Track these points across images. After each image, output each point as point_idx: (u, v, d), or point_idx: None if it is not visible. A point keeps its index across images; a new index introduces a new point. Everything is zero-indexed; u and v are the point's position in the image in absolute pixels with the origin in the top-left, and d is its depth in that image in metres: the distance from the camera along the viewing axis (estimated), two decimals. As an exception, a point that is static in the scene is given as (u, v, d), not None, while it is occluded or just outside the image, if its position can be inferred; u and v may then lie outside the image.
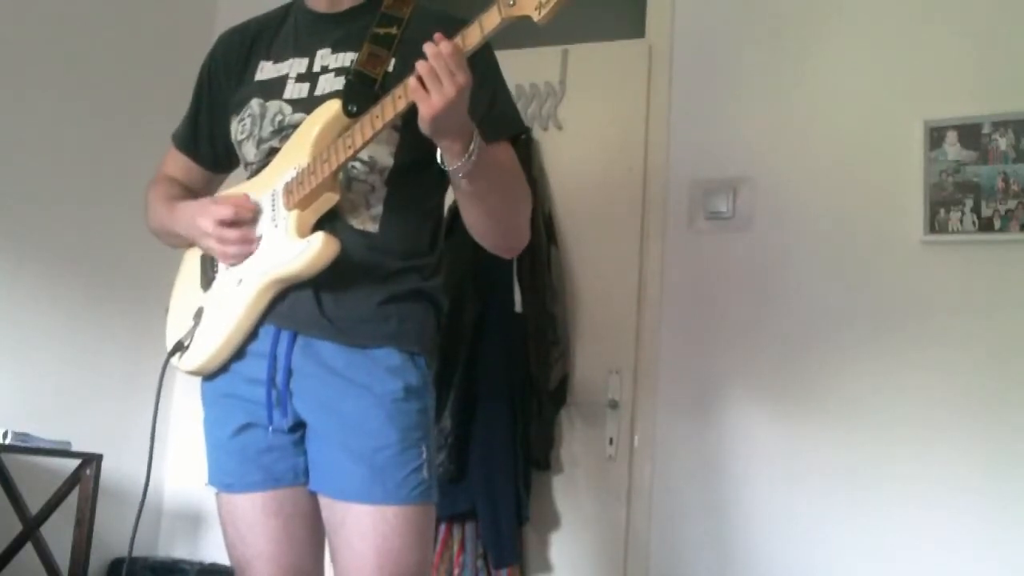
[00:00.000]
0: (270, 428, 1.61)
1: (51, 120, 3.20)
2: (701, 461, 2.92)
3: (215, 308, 1.64)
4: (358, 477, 1.53)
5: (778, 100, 3.01)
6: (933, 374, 2.70)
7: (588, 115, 3.22)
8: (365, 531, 1.52)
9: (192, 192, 1.84)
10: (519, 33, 1.44)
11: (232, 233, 1.58)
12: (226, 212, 1.59)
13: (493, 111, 1.60)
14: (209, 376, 1.69)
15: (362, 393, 1.56)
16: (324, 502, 1.59)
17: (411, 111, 1.47)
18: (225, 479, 1.67)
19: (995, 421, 2.61)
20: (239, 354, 1.64)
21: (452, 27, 1.44)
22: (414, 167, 1.62)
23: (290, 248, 1.53)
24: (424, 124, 1.42)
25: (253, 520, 1.63)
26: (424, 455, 1.57)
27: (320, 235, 1.52)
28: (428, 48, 1.38)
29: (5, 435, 2.72)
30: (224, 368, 1.66)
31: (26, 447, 2.78)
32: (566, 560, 3.02)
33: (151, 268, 3.53)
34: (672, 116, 3.12)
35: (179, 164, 1.88)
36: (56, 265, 3.20)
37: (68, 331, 3.26)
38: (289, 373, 1.59)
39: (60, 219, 3.22)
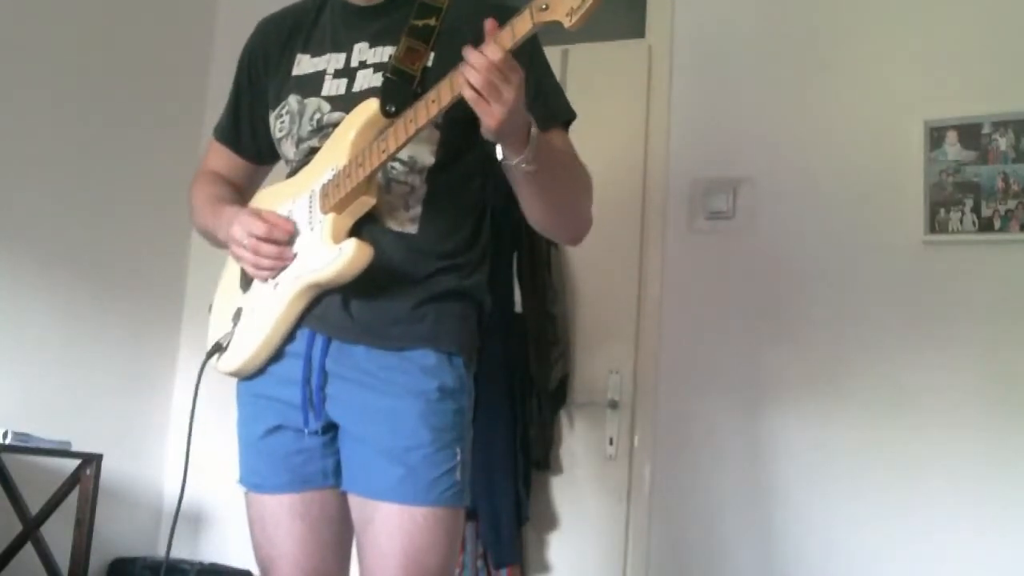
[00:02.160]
0: (305, 431, 1.60)
1: (51, 121, 3.20)
2: (701, 461, 2.92)
3: (252, 311, 1.64)
4: (391, 477, 1.52)
5: (778, 100, 3.02)
6: (933, 374, 2.70)
7: (588, 115, 3.16)
8: (392, 530, 1.52)
9: (236, 187, 1.83)
10: (520, 33, 1.44)
11: (267, 248, 1.57)
12: (260, 228, 1.57)
13: (541, 100, 1.57)
14: (246, 376, 1.69)
15: (397, 392, 1.55)
16: (354, 501, 1.59)
17: (448, 110, 1.45)
18: (254, 479, 1.67)
19: (995, 421, 2.61)
20: (276, 355, 1.63)
21: (490, 13, 1.41)
22: (454, 162, 1.60)
23: (324, 254, 1.52)
24: (488, 133, 1.40)
25: (280, 521, 1.63)
26: (458, 456, 1.55)
27: (352, 242, 1.49)
28: (475, 58, 1.34)
29: (5, 435, 2.72)
30: (262, 369, 1.65)
31: (26, 447, 2.78)
32: (566, 560, 3.02)
33: (151, 268, 3.56)
34: (672, 116, 3.12)
35: (222, 158, 1.86)
36: (56, 265, 3.21)
37: (68, 331, 3.26)
38: (324, 376, 1.59)
39: (60, 220, 3.22)
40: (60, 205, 3.22)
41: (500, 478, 2.86)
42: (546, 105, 1.57)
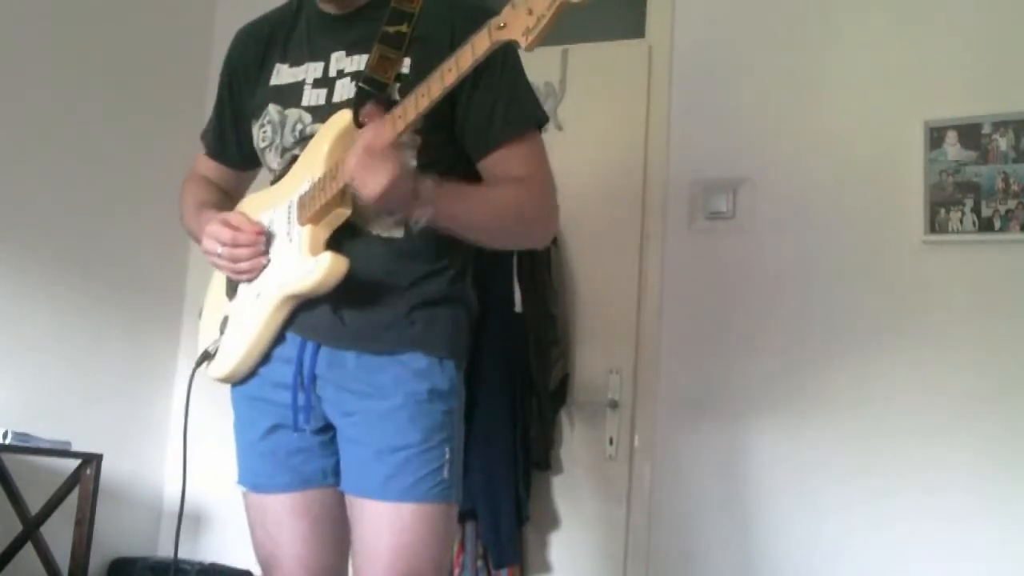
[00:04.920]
0: (295, 433, 1.63)
1: (51, 122, 3.20)
2: (701, 461, 2.92)
3: (237, 319, 1.67)
4: (377, 475, 1.55)
5: (778, 100, 3.01)
6: (933, 374, 2.69)
7: (588, 115, 3.22)
8: (379, 528, 1.54)
9: (224, 190, 1.87)
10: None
11: (239, 252, 1.60)
12: (226, 236, 1.61)
13: (502, 107, 1.60)
14: (235, 382, 1.72)
15: (386, 394, 1.57)
16: (348, 500, 1.61)
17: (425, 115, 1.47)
18: (254, 479, 1.70)
19: (995, 421, 2.61)
20: (266, 359, 1.66)
21: (464, 15, 1.45)
22: (436, 164, 1.60)
23: (301, 266, 1.55)
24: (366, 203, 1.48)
25: (281, 520, 1.66)
26: (447, 455, 1.58)
27: (327, 255, 1.52)
28: (363, 137, 1.43)
29: (5, 435, 2.72)
30: (252, 373, 1.68)
31: (26, 447, 2.79)
32: (566, 560, 3.02)
33: (151, 268, 3.56)
34: (672, 116, 3.12)
35: (209, 165, 1.90)
36: (56, 265, 3.21)
37: (68, 331, 3.26)
38: (315, 379, 1.61)
39: (61, 220, 3.23)
40: (60, 205, 3.22)
41: (500, 478, 2.86)
42: (506, 115, 1.61)
